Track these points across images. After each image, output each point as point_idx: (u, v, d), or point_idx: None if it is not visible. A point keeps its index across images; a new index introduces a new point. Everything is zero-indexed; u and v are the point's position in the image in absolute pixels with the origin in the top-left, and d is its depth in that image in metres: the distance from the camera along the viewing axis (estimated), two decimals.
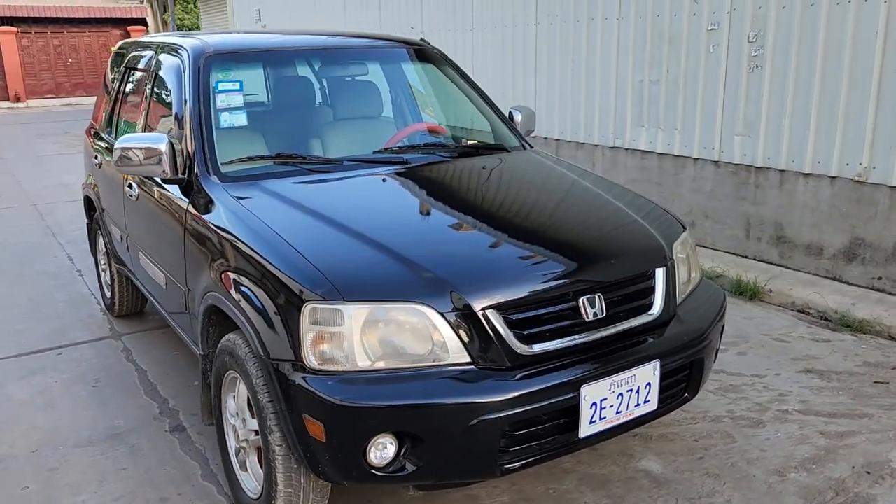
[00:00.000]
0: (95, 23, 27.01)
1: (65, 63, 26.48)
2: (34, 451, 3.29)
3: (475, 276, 2.34)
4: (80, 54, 26.70)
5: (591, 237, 2.70)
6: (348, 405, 2.15)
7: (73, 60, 26.61)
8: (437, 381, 2.21)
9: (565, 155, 6.88)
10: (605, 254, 2.60)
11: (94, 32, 26.86)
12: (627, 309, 2.54)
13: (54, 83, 26.34)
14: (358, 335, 2.21)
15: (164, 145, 3.01)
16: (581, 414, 2.32)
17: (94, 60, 26.93)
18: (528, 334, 2.32)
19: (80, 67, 26.75)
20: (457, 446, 2.20)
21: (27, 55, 25.85)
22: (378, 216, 2.70)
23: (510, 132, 3.80)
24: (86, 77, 26.80)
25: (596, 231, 2.77)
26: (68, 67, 26.55)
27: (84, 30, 26.64)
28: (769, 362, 4.03)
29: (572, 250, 2.57)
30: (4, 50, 25.19)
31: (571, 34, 6.59)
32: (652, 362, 2.46)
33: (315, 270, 2.30)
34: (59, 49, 26.37)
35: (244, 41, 3.65)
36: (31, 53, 25.95)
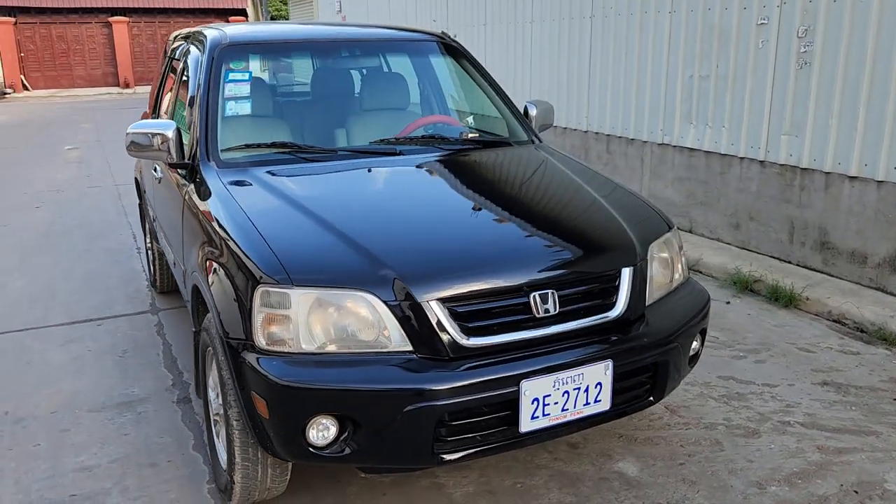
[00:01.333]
0: (200, 13, 28.31)
1: None
2: (53, 412, 3.55)
3: (423, 267, 2.38)
4: None
5: (555, 233, 2.69)
6: (288, 385, 2.24)
7: None
8: (375, 367, 2.27)
9: (616, 151, 6.77)
10: (565, 250, 2.58)
11: (199, 21, 28.10)
12: (586, 307, 2.52)
13: None
14: (304, 319, 2.29)
15: (172, 131, 3.19)
16: (521, 409, 2.33)
17: None
18: (472, 327, 2.34)
19: None
20: (392, 432, 2.25)
21: (137, 44, 27.39)
22: (350, 205, 2.78)
23: (520, 126, 3.79)
24: None
25: (562, 227, 2.75)
26: None
27: (189, 19, 27.95)
28: (786, 372, 3.87)
29: (530, 246, 2.57)
30: (116, 39, 26.77)
31: (625, 28, 6.45)
32: (603, 362, 2.43)
33: (272, 255, 2.40)
34: (165, 38, 27.71)
35: (263, 33, 3.79)
36: (140, 42, 27.48)
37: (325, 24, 4.04)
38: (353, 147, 3.29)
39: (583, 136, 7.22)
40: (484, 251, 2.51)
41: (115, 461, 3.13)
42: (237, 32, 3.67)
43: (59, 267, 5.87)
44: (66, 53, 27.34)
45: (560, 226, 2.77)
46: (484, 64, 8.73)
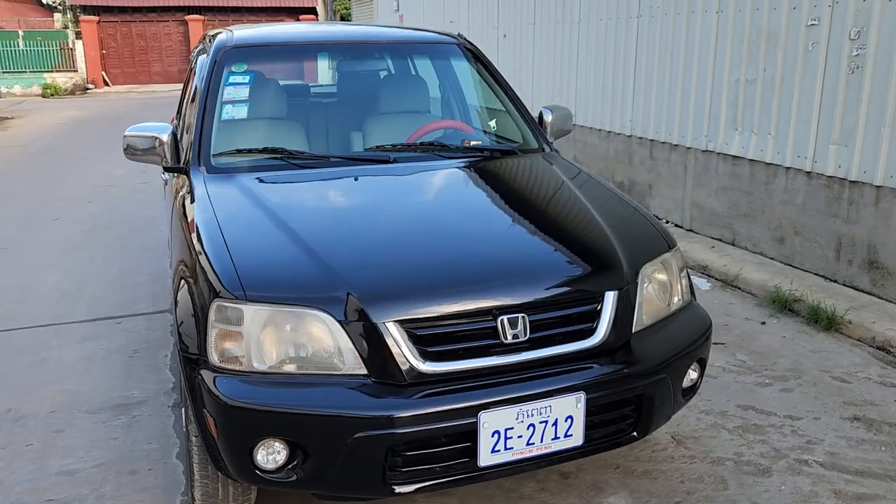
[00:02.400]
0: (272, 11, 28.86)
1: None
2: (52, 411, 3.58)
3: (381, 286, 2.25)
4: None
5: (532, 253, 2.51)
6: (236, 406, 2.15)
7: None
8: (325, 390, 2.16)
9: (659, 157, 6.48)
10: (541, 272, 2.41)
11: (271, 19, 28.66)
12: (563, 333, 2.34)
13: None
14: (256, 336, 2.20)
15: (167, 135, 3.15)
16: (480, 442, 2.18)
17: None
18: (432, 351, 2.20)
19: None
20: (341, 460, 2.14)
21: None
22: (325, 217, 2.68)
23: (531, 133, 3.61)
24: None
25: (542, 247, 2.57)
26: None
27: (261, 17, 28.53)
28: (814, 403, 3.58)
29: (502, 266, 2.40)
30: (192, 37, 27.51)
31: (671, 28, 6.16)
32: (574, 394, 2.25)
33: (232, 268, 2.31)
34: None
35: (271, 35, 3.73)
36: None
37: (338, 27, 3.95)
38: (345, 154, 3.18)
39: (626, 141, 6.94)
40: (451, 271, 2.36)
41: (98, 466, 3.12)
42: (244, 35, 3.61)
43: (94, 263, 5.99)
44: (145, 51, 28.29)
45: (540, 245, 2.59)
46: (531, 65, 8.57)
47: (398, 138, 3.44)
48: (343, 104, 3.60)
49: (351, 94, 3.65)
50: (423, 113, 3.68)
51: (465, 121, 3.81)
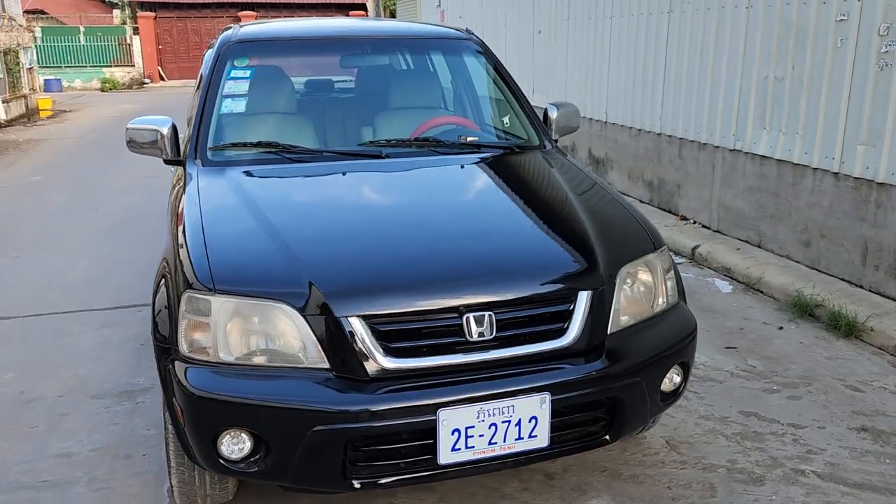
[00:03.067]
0: (322, 7, 29.22)
1: None
2: (60, 395, 3.69)
3: (346, 280, 2.26)
4: None
5: (505, 251, 2.48)
6: (198, 395, 2.19)
7: None
8: (285, 382, 2.18)
9: (687, 156, 6.34)
10: (512, 270, 2.38)
11: (319, 15, 29.00)
12: (532, 332, 2.31)
13: None
14: (223, 328, 2.23)
15: (167, 128, 3.21)
16: (440, 440, 2.17)
17: None
18: (395, 347, 2.20)
19: None
20: (299, 452, 2.15)
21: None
22: (304, 211, 2.70)
23: (533, 130, 3.57)
24: None
25: (515, 245, 2.54)
26: None
27: (311, 13, 28.88)
28: (821, 412, 3.46)
29: (471, 263, 2.38)
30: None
31: (701, 23, 6.01)
32: (539, 394, 2.22)
33: (205, 261, 2.35)
34: None
35: (274, 30, 3.77)
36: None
37: (348, 22, 3.96)
38: (339, 149, 3.19)
39: (655, 140, 6.81)
40: (417, 267, 2.35)
41: (95, 450, 3.21)
42: (249, 30, 3.66)
43: (125, 252, 6.15)
44: (200, 46, 28.92)
45: (514, 243, 2.55)
46: (564, 61, 8.47)
47: (398, 134, 3.44)
48: (344, 99, 3.61)
49: (353, 90, 3.66)
50: (426, 109, 3.67)
51: (470, 117, 3.78)
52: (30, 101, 19.32)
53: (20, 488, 2.95)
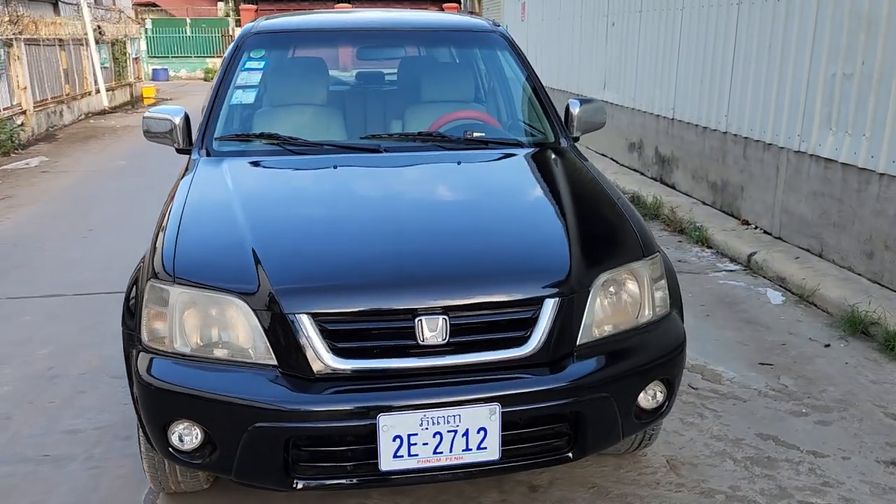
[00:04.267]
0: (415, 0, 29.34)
1: None
2: (83, 373, 3.84)
3: (297, 277, 2.22)
4: None
5: (467, 253, 2.37)
6: (149, 384, 2.20)
7: None
8: (231, 376, 2.16)
9: (752, 157, 5.98)
10: (471, 273, 2.27)
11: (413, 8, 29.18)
12: (492, 339, 2.21)
13: None
14: (178, 318, 2.24)
15: (179, 118, 3.26)
16: (380, 445, 2.10)
17: None
18: (344, 348, 2.14)
19: None
20: (241, 448, 2.13)
21: None
22: (281, 205, 2.68)
23: (549, 126, 3.43)
24: None
25: (481, 246, 2.41)
26: None
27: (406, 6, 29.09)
28: (851, 441, 3.17)
29: (428, 264, 2.29)
30: None
31: (770, 15, 5.64)
32: (488, 405, 2.11)
33: (172, 251, 2.36)
34: None
35: (294, 22, 3.76)
36: None
37: (371, 14, 3.92)
38: (340, 142, 3.15)
39: (721, 139, 6.46)
40: (374, 265, 2.28)
41: (100, 428, 3.31)
42: (270, 22, 3.68)
43: None
44: None
45: (481, 245, 2.43)
46: (636, 55, 8.16)
47: (412, 128, 3.38)
48: (357, 92, 3.57)
49: (366, 82, 3.62)
50: (443, 102, 3.58)
51: (489, 111, 3.67)
52: (134, 89, 20.39)
53: (22, 461, 3.08)
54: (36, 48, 13.26)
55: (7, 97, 12.06)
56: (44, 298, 4.98)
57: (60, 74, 14.72)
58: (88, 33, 15.93)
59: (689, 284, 5.08)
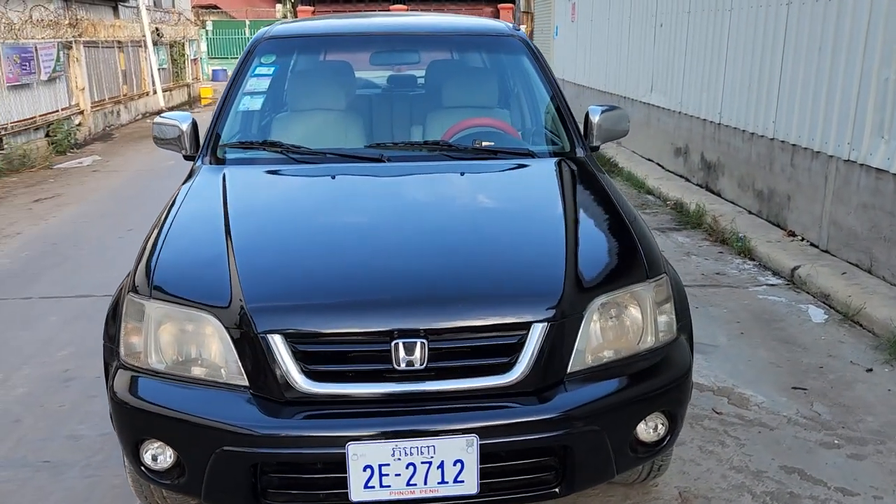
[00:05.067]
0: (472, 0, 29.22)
1: None
2: (97, 377, 3.79)
3: (272, 296, 2.13)
4: None
5: (449, 274, 2.22)
6: (120, 400, 2.15)
7: None
8: (200, 396, 2.09)
9: (799, 165, 5.67)
10: (450, 296, 2.14)
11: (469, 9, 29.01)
12: (473, 366, 2.08)
13: None
14: (153, 334, 2.17)
15: (187, 125, 3.23)
16: (350, 475, 1.99)
17: None
18: (316, 371, 2.04)
19: None
20: (209, 472, 2.05)
21: None
22: (269, 217, 2.60)
23: (566, 135, 3.27)
24: None
25: (466, 268, 2.26)
26: None
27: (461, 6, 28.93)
28: (886, 478, 2.93)
29: (408, 286, 2.17)
30: None
31: (821, 15, 5.34)
32: (465, 436, 1.98)
33: (153, 265, 2.31)
34: None
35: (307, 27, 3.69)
36: None
37: (389, 18, 3.82)
38: (341, 151, 3.05)
39: (768, 145, 6.16)
40: (352, 284, 2.17)
41: (103, 435, 3.29)
42: (283, 27, 3.62)
43: None
44: None
45: (468, 265, 2.28)
46: (683, 57, 7.87)
47: (419, 135, 3.28)
48: (365, 99, 3.47)
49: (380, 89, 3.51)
50: (458, 109, 3.44)
51: (505, 119, 3.52)
52: (192, 89, 20.82)
53: (23, 466, 3.08)
54: (94, 50, 13.63)
55: (66, 98, 12.42)
56: (73, 299, 5.05)
57: (118, 75, 15.11)
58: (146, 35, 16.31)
59: (725, 299, 4.84)
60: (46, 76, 11.49)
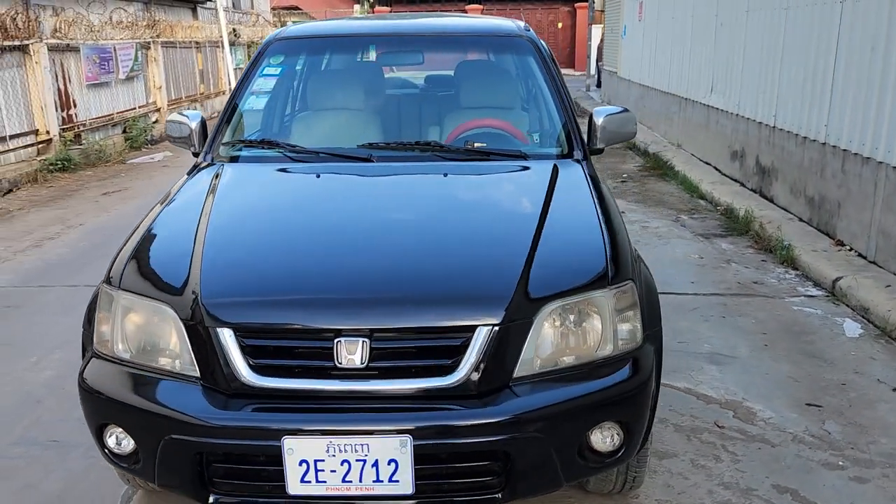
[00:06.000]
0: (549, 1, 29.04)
1: None
2: None
3: (224, 290, 2.19)
4: None
5: (396, 274, 2.23)
6: (83, 387, 2.26)
7: None
8: (154, 385, 2.17)
9: (850, 171, 5.40)
10: (394, 295, 2.15)
11: (546, 9, 28.93)
12: (416, 367, 2.08)
13: None
14: (119, 323, 2.27)
15: (196, 123, 3.34)
16: (286, 468, 2.03)
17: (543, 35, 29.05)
18: (261, 365, 2.09)
19: None
20: (159, 458, 2.13)
21: None
22: (244, 213, 2.68)
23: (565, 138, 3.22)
24: None
25: (414, 268, 2.26)
26: None
27: (537, 6, 28.86)
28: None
29: (353, 283, 2.19)
30: None
31: (874, 14, 5.06)
32: (398, 436, 1.99)
33: (126, 256, 2.42)
34: None
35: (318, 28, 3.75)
36: None
37: (390, 21, 3.84)
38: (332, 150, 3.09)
39: (820, 150, 5.88)
40: (300, 281, 2.21)
41: None
42: (296, 28, 3.70)
43: None
44: None
45: (421, 265, 2.28)
46: (742, 58, 7.60)
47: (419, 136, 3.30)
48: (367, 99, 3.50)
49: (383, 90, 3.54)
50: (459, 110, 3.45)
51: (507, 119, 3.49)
52: None
53: (34, 445, 3.26)
54: (172, 50, 14.23)
55: (143, 96, 13.02)
56: None
57: (195, 75, 15.71)
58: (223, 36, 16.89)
59: (756, 309, 4.66)
60: (124, 75, 12.07)
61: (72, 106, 10.71)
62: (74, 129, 10.61)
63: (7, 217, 7.56)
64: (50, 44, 9.89)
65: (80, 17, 10.79)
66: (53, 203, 8.15)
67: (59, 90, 10.33)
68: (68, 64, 10.57)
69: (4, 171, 8.88)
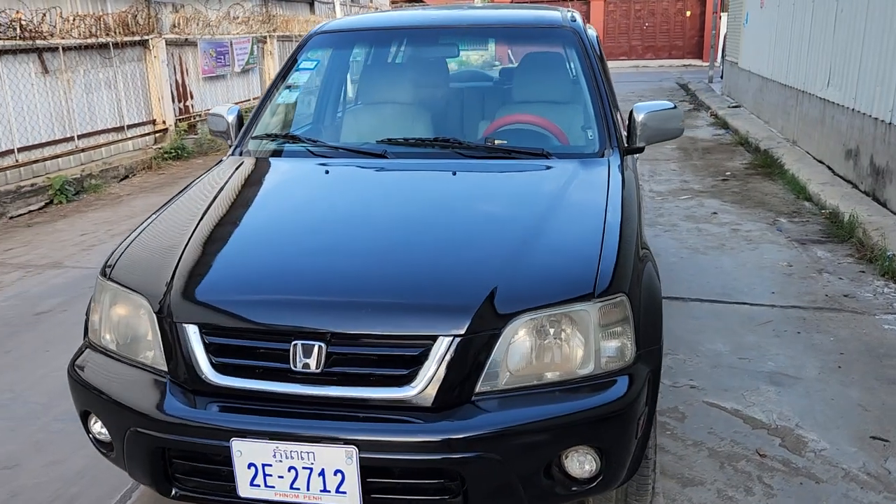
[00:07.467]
0: None
1: (641, 27, 28.24)
2: None
3: (194, 287, 2.17)
4: (656, 18, 28.09)
5: (367, 277, 2.12)
6: (72, 376, 2.32)
7: (649, 25, 28.15)
8: (124, 378, 2.19)
9: None
10: (354, 300, 2.05)
11: None
12: (373, 375, 1.99)
13: (628, 46, 28.40)
14: (106, 314, 2.32)
15: (232, 117, 3.39)
16: (235, 470, 1.99)
17: (669, 24, 28.03)
18: (221, 363, 2.07)
19: (654, 31, 28.17)
20: (126, 450, 2.16)
21: (611, 20, 28.37)
22: (240, 209, 2.67)
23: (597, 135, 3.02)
24: (657, 40, 28.15)
25: (381, 273, 2.14)
26: (644, 31, 28.25)
27: None
28: None
29: (314, 286, 2.13)
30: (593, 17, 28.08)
31: None
32: (344, 447, 1.91)
33: (123, 248, 2.47)
34: (638, 14, 28.21)
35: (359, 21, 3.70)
36: (614, 18, 28.40)
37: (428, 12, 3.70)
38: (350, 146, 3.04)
39: None
40: (265, 282, 2.16)
41: None
42: (338, 21, 3.68)
43: None
44: None
45: (390, 269, 2.16)
46: (861, 46, 6.92)
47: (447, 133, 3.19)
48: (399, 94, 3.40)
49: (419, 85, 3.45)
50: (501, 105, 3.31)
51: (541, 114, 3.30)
52: None
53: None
54: (288, 44, 14.71)
55: (258, 88, 13.55)
56: None
57: None
58: None
59: (839, 326, 4.23)
60: (240, 68, 12.61)
61: (188, 97, 11.30)
62: (189, 120, 11.19)
63: (115, 202, 8.07)
64: (168, 38, 10.45)
65: (198, 14, 11.35)
66: (160, 189, 8.61)
67: (176, 82, 10.92)
68: (186, 58, 11.15)
69: (122, 159, 9.48)
